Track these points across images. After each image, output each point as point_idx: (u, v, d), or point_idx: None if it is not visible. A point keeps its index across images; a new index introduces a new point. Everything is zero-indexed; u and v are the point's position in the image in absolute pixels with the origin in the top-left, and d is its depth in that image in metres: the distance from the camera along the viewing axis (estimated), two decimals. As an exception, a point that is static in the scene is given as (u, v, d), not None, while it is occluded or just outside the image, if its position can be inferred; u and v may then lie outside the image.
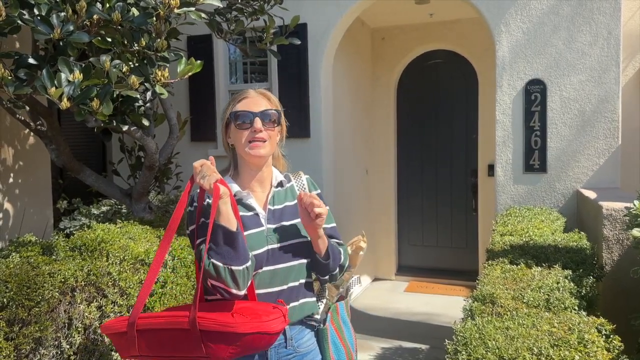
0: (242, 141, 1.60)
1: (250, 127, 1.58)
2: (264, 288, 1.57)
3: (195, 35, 4.82)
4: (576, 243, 2.70)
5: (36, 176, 4.15)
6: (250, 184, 1.66)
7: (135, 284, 2.34)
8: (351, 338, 1.81)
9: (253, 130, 1.58)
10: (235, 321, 1.37)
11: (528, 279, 2.17)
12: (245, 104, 1.62)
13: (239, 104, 1.63)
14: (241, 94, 1.66)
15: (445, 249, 6.31)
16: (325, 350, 1.70)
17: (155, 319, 1.45)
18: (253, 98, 1.63)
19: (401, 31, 6.13)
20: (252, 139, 1.58)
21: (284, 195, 1.69)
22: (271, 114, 1.62)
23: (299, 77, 4.68)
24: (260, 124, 1.58)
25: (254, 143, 1.58)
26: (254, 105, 1.61)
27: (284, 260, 1.60)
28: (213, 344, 1.37)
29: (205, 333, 1.37)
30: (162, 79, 2.60)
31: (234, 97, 1.67)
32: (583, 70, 3.94)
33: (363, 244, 2.08)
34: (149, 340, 1.43)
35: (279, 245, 1.60)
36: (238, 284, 1.44)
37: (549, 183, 4.04)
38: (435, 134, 6.20)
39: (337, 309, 1.80)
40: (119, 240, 2.48)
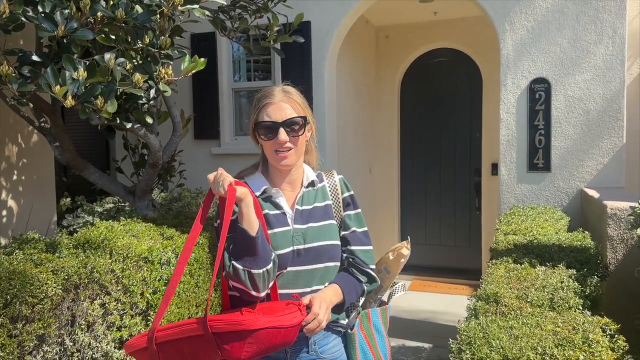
0: (267, 150, 1.58)
1: (274, 137, 1.54)
2: (287, 289, 1.54)
3: (198, 33, 4.82)
4: (580, 242, 2.69)
5: (40, 174, 4.15)
6: (280, 185, 1.64)
7: (139, 282, 2.34)
8: (384, 348, 1.73)
9: (277, 142, 1.54)
10: (244, 318, 1.35)
11: (532, 278, 2.16)
12: (270, 112, 1.55)
13: (263, 111, 1.57)
14: (265, 97, 1.59)
15: (448, 247, 6.30)
16: (352, 357, 1.64)
17: (171, 330, 1.42)
18: (277, 104, 1.56)
19: (405, 29, 6.12)
20: (278, 149, 1.55)
21: (314, 195, 1.65)
22: (296, 121, 1.56)
23: (302, 76, 4.67)
24: (285, 135, 1.54)
25: (279, 154, 1.55)
26: (278, 113, 1.55)
27: (309, 262, 1.57)
28: (227, 345, 1.34)
29: (218, 335, 1.34)
30: (166, 77, 2.60)
31: (259, 100, 1.60)
32: (588, 69, 3.92)
33: (405, 251, 2.04)
34: (168, 353, 1.41)
35: (304, 246, 1.56)
36: (257, 286, 1.43)
37: (553, 182, 4.03)
38: (439, 133, 6.19)
39: (369, 315, 1.73)
40: (122, 238, 2.48)
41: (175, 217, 3.28)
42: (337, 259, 1.62)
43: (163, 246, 2.52)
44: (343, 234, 1.66)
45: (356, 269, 1.64)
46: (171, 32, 3.24)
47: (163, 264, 2.47)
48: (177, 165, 3.73)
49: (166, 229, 2.79)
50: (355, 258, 1.64)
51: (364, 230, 1.70)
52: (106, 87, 2.12)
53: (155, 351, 1.41)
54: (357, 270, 1.63)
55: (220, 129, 4.95)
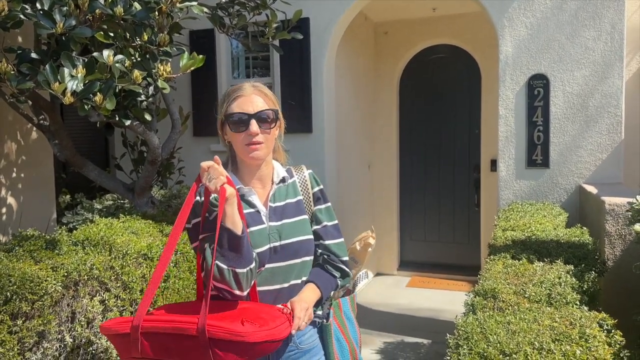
0: (237, 143, 1.55)
1: (245, 129, 1.52)
2: (265, 286, 1.55)
3: (197, 30, 4.81)
4: (578, 238, 2.70)
5: (39, 171, 4.16)
6: (250, 182, 1.62)
7: (138, 279, 2.35)
8: (355, 334, 1.78)
9: (249, 133, 1.52)
10: (246, 330, 1.32)
11: (530, 274, 2.17)
12: (240, 104, 1.54)
13: (233, 103, 1.55)
14: (235, 91, 1.58)
15: (447, 244, 6.31)
16: (328, 346, 1.68)
17: (161, 323, 1.37)
18: (248, 96, 1.55)
19: (404, 26, 6.11)
20: (249, 142, 1.53)
21: (285, 192, 1.65)
22: (267, 114, 1.55)
23: (301, 72, 4.67)
24: (256, 126, 1.52)
25: (250, 146, 1.53)
26: (250, 105, 1.54)
27: (285, 258, 1.58)
28: (222, 352, 1.32)
29: (213, 341, 1.32)
30: (165, 74, 2.60)
31: (228, 94, 1.59)
32: (586, 65, 3.93)
33: (372, 241, 2.06)
34: (154, 344, 1.36)
35: (280, 243, 1.57)
36: (241, 286, 1.43)
37: (552, 178, 4.03)
38: (438, 129, 6.19)
39: (340, 305, 1.77)
40: (122, 235, 2.49)
41: (174, 214, 3.29)
42: (312, 253, 1.64)
43: (162, 243, 2.53)
44: (315, 229, 1.67)
45: (331, 266, 1.66)
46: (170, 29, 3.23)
47: (162, 260, 2.48)
48: (177, 162, 3.74)
49: (165, 225, 2.80)
50: (330, 254, 1.67)
51: (334, 223, 1.71)
52: (105, 84, 2.13)
53: (138, 339, 1.36)
54: (332, 267, 1.67)
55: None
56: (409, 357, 4.02)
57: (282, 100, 4.77)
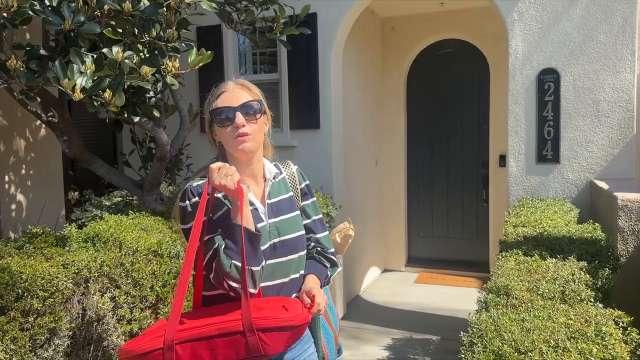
0: (226, 138, 1.54)
1: (231, 123, 1.52)
2: (267, 281, 1.56)
3: (204, 26, 4.80)
4: (591, 234, 2.67)
5: (48, 168, 4.17)
6: (243, 180, 1.60)
7: (148, 275, 2.34)
8: (335, 319, 1.83)
9: (235, 126, 1.51)
10: (290, 315, 1.41)
11: (542, 270, 2.14)
12: (225, 99, 1.55)
13: (218, 99, 1.56)
14: (219, 88, 1.59)
15: (455, 240, 6.28)
16: (317, 335, 1.71)
17: (199, 329, 1.39)
18: (231, 91, 1.56)
19: (411, 20, 6.07)
20: (236, 135, 1.52)
21: (278, 188, 1.66)
22: (252, 105, 1.55)
23: (308, 68, 4.65)
24: (242, 118, 1.52)
25: (238, 139, 1.52)
26: (234, 99, 1.54)
27: (285, 253, 1.59)
28: (268, 340, 1.38)
29: (260, 330, 1.38)
30: (173, 70, 2.59)
31: (213, 93, 1.60)
32: (597, 59, 3.88)
33: (352, 232, 2.06)
34: (190, 352, 1.37)
35: (280, 239, 1.58)
36: (256, 283, 1.45)
37: (562, 174, 4.00)
38: (446, 125, 6.16)
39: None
40: (132, 232, 2.49)
41: (183, 211, 3.29)
42: (305, 247, 1.68)
43: (172, 239, 2.52)
44: (305, 223, 1.70)
45: (323, 257, 1.72)
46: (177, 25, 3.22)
47: (172, 257, 2.48)
48: (185, 159, 3.73)
49: (174, 222, 2.79)
50: (323, 246, 1.72)
51: (320, 217, 1.77)
52: (114, 80, 2.12)
53: (174, 352, 1.36)
54: (324, 258, 1.72)
55: (227, 122, 4.94)
56: (418, 353, 4.01)
57: (289, 97, 4.75)
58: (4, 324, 1.75)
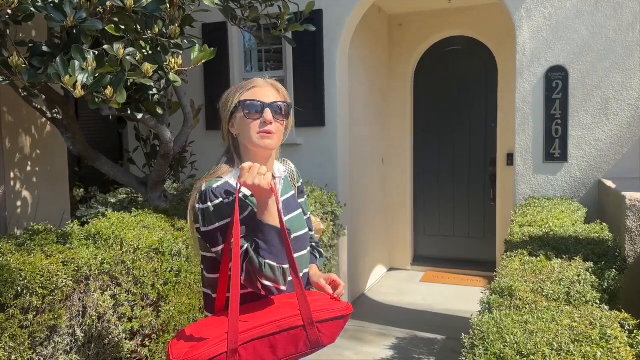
0: (249, 131, 1.53)
1: (259, 117, 1.52)
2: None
3: (210, 23, 4.79)
4: (598, 234, 2.62)
5: (53, 164, 4.18)
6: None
7: (149, 273, 2.33)
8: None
9: (263, 121, 1.52)
10: (344, 304, 1.49)
11: (548, 271, 2.11)
12: (255, 93, 1.55)
13: (247, 92, 1.56)
14: (249, 83, 1.59)
15: (462, 239, 6.24)
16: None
17: (261, 328, 1.38)
18: (262, 88, 1.57)
19: (418, 17, 6.03)
20: (262, 130, 1.52)
21: (285, 186, 1.69)
22: (282, 106, 1.56)
23: (314, 65, 4.63)
24: (271, 115, 1.53)
25: (263, 134, 1.52)
26: (264, 96, 1.55)
27: (298, 249, 1.60)
28: (325, 330, 1.43)
29: (320, 323, 1.43)
30: (176, 67, 2.57)
31: (242, 85, 1.59)
32: (606, 57, 3.82)
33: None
34: (255, 354, 1.36)
35: (294, 235, 1.59)
36: (286, 281, 1.46)
37: (570, 173, 3.95)
38: (453, 122, 6.11)
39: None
40: (134, 229, 2.48)
41: (186, 209, 3.28)
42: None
43: (174, 237, 2.51)
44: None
45: (315, 250, 1.83)
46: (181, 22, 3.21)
47: (174, 255, 2.47)
48: (189, 156, 3.72)
49: (177, 220, 2.78)
50: (313, 240, 1.82)
51: (308, 217, 1.81)
52: (115, 77, 2.10)
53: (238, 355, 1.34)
54: (316, 250, 1.83)
55: (232, 120, 4.93)
56: (423, 353, 3.98)
57: (295, 94, 4.73)
58: (3, 321, 1.75)
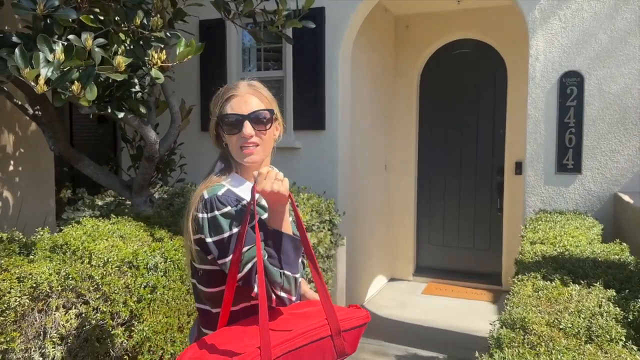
0: (232, 146, 1.45)
1: (239, 131, 1.42)
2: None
3: (207, 20, 4.57)
4: (618, 256, 2.38)
5: (38, 164, 3.97)
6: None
7: (121, 289, 2.11)
8: None
9: (242, 135, 1.42)
10: (364, 312, 1.47)
11: (565, 299, 1.87)
12: (234, 105, 1.44)
13: (227, 104, 1.45)
14: (228, 90, 1.47)
15: (466, 249, 5.99)
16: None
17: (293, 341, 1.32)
18: (242, 96, 1.45)
19: (426, 19, 5.80)
20: (243, 144, 1.43)
21: None
22: (262, 114, 1.44)
23: (315, 66, 4.41)
24: (250, 128, 1.42)
25: (245, 149, 1.43)
26: (244, 105, 1.44)
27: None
28: (349, 338, 1.41)
29: (345, 332, 1.40)
30: (159, 62, 2.36)
31: (222, 94, 1.48)
32: (625, 62, 3.58)
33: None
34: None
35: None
36: (297, 291, 1.43)
37: (584, 185, 3.70)
38: (460, 129, 5.87)
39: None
40: (107, 239, 2.26)
41: (172, 215, 3.06)
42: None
43: (151, 249, 2.28)
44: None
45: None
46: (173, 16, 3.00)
47: (150, 269, 2.24)
48: (178, 159, 3.49)
49: (158, 229, 2.56)
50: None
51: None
52: (84, 71, 1.89)
53: None
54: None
55: (228, 121, 4.71)
56: (423, 373, 3.74)
57: (294, 96, 4.51)
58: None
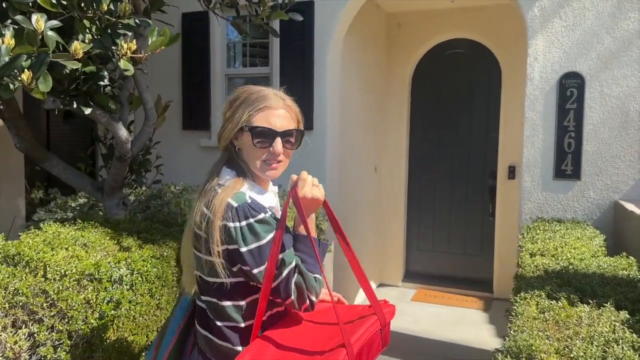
0: (254, 158, 1.42)
1: (269, 147, 1.40)
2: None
3: (190, 12, 4.35)
4: (626, 271, 2.20)
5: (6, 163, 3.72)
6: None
7: (80, 305, 1.88)
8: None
9: (272, 152, 1.40)
10: (392, 307, 1.48)
11: (574, 322, 1.68)
12: (267, 117, 1.40)
13: (258, 114, 1.40)
14: (260, 100, 1.41)
15: (457, 255, 5.81)
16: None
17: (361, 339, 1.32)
18: (275, 109, 1.42)
19: (419, 17, 5.61)
20: (269, 159, 1.42)
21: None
22: (293, 134, 1.44)
23: (303, 63, 4.19)
24: (281, 146, 1.41)
25: (270, 165, 1.42)
26: (276, 120, 1.41)
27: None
28: (388, 333, 1.43)
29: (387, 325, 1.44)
30: (128, 53, 2.14)
31: (251, 101, 1.41)
32: (628, 63, 3.42)
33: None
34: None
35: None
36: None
37: (583, 192, 3.53)
38: (452, 131, 5.69)
39: None
40: (68, 248, 2.03)
41: (145, 220, 2.83)
42: None
43: (115, 260, 2.06)
44: None
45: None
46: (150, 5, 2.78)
47: (114, 282, 2.02)
48: (154, 159, 3.26)
49: (126, 236, 2.33)
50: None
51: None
52: (36, 58, 1.66)
53: None
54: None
55: (212, 119, 4.48)
56: (412, 388, 3.55)
57: (281, 93, 4.29)
58: None
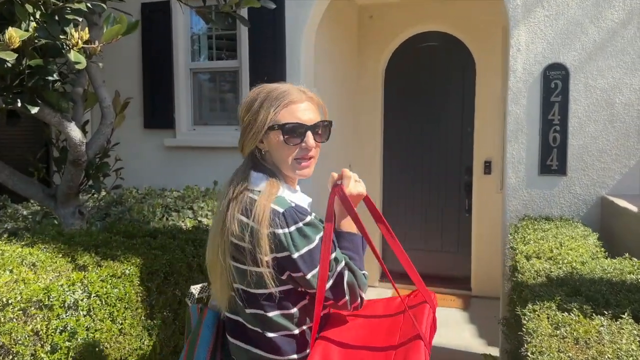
0: (286, 157, 1.37)
1: (300, 142, 1.35)
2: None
3: (150, 2, 4.04)
4: (634, 275, 2.05)
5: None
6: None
7: (27, 338, 1.60)
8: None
9: (304, 147, 1.36)
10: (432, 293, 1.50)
11: (594, 339, 1.51)
12: (293, 112, 1.35)
13: (283, 110, 1.34)
14: (282, 96, 1.34)
15: (434, 253, 5.68)
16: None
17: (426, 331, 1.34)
18: (299, 103, 1.36)
19: (391, 9, 5.43)
20: (302, 157, 1.37)
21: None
22: (323, 126, 1.40)
23: (274, 55, 3.95)
24: (312, 140, 1.37)
25: (303, 162, 1.37)
26: (304, 113, 1.36)
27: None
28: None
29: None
30: (80, 43, 1.86)
31: (273, 99, 1.34)
32: (613, 54, 3.31)
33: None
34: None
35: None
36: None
37: (569, 188, 3.41)
38: (427, 126, 5.54)
39: None
40: (12, 270, 1.75)
41: (104, 230, 2.54)
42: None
43: (69, 282, 1.78)
44: None
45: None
46: (105, -8, 2.48)
47: (68, 308, 1.74)
48: (113, 162, 2.96)
49: (82, 252, 2.04)
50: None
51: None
52: (-38, 49, 1.38)
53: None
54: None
55: (176, 117, 4.18)
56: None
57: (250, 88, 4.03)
58: None
